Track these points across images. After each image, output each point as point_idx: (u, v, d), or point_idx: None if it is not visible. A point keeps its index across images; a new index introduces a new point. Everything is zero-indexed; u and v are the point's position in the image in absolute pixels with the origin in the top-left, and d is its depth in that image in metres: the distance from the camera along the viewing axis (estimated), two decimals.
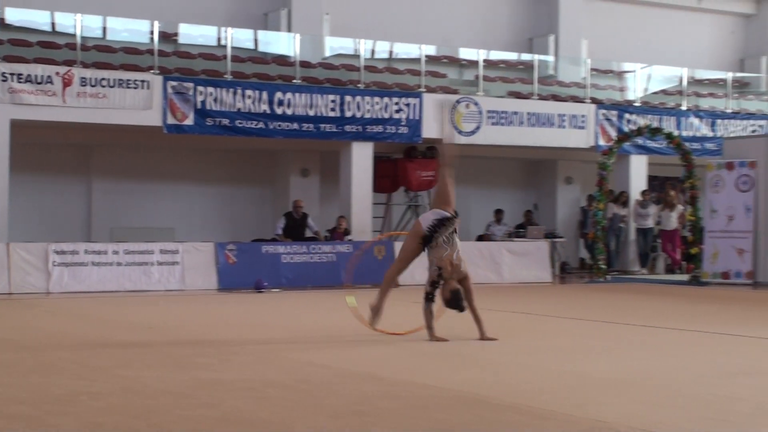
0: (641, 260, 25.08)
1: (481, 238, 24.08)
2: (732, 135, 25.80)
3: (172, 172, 23.35)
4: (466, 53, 25.63)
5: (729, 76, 28.36)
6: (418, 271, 12.29)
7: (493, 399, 7.22)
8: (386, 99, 22.08)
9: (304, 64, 22.65)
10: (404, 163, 23.13)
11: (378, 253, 20.43)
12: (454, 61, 25.67)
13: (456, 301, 10.62)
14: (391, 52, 24.89)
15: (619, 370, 8.74)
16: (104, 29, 21.81)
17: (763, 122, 27.08)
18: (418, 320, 10.82)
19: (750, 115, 27.31)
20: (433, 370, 8.81)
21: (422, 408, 6.92)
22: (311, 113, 21.28)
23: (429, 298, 10.67)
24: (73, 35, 20.39)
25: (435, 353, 9.87)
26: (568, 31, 27.78)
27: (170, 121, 20.06)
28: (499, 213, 24.56)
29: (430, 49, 24.74)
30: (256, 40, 23.51)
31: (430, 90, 23.06)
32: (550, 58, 26.93)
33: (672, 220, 24.22)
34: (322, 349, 10.26)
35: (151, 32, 21.21)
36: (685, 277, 22.13)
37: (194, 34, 23.02)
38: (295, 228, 21.16)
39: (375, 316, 11.04)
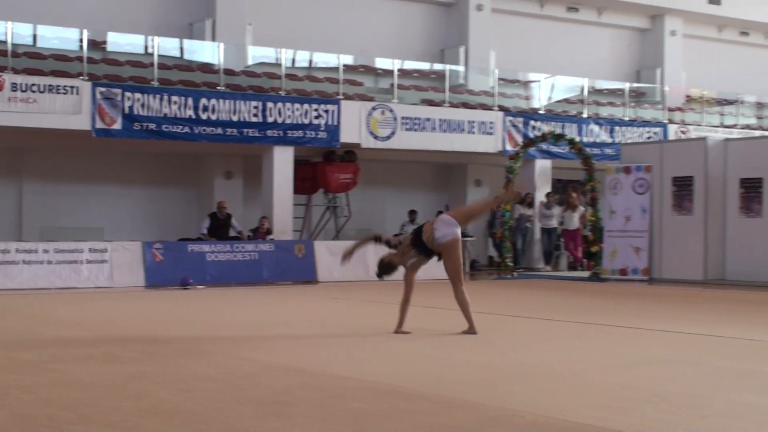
0: (545, 258, 25.34)
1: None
2: (629, 141, 26.17)
3: (101, 175, 23.04)
4: (381, 63, 25.67)
5: (626, 86, 28.82)
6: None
7: (406, 389, 7.24)
8: (306, 105, 22.02)
9: (228, 72, 22.53)
10: (323, 166, 23.09)
11: (298, 252, 20.38)
12: (371, 70, 25.69)
13: (386, 270, 10.73)
14: (310, 62, 24.85)
15: (525, 361, 8.81)
16: (35, 37, 21.44)
17: (657, 129, 27.51)
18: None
19: (646, 123, 27.73)
20: (351, 362, 8.81)
21: (340, 398, 6.91)
22: (235, 119, 21.16)
23: (377, 239, 10.76)
24: (5, 42, 20.03)
25: (353, 346, 9.87)
26: (477, 43, 27.97)
27: (99, 125, 19.80)
28: (413, 213, 24.60)
29: (348, 59, 24.75)
30: (181, 49, 23.31)
31: (348, 97, 23.07)
32: (461, 68, 27.08)
33: (574, 221, 24.47)
34: (247, 342, 10.19)
35: (81, 40, 20.94)
36: (586, 274, 22.37)
37: (122, 42, 22.75)
38: (219, 228, 21.01)
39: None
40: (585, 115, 26.79)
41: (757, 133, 29.38)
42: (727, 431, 5.93)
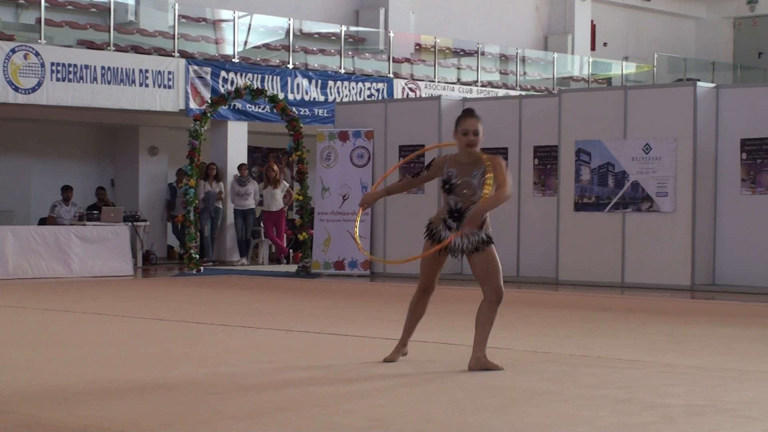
0: (241, 248, 25.31)
1: (44, 222, 23.35)
2: (345, 100, 26.47)
3: None
4: None
5: (342, 29, 28.93)
6: None
7: None
8: None
9: None
10: None
11: None
12: (10, 1, 24.64)
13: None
14: None
15: (158, 376, 8.38)
16: None
17: (381, 85, 27.95)
18: None
19: (366, 77, 28.13)
20: None
21: None
22: None
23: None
24: None
25: None
26: None
27: None
28: (67, 191, 23.85)
29: None
30: None
31: None
32: (130, 1, 26.40)
33: (277, 200, 24.51)
34: None
35: None
36: (292, 268, 22.49)
37: None
38: None
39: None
40: (291, 66, 26.83)
41: (501, 92, 30.31)
42: None
